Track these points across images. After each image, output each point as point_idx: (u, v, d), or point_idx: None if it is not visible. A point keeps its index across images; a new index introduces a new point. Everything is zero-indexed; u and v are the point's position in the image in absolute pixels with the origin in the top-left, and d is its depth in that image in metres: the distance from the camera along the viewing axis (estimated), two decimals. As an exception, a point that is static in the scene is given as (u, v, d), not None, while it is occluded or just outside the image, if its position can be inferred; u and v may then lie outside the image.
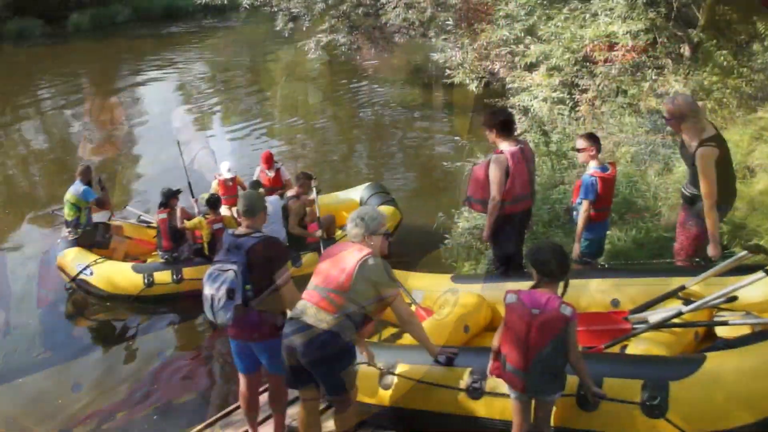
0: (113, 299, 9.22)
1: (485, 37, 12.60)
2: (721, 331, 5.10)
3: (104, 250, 9.57)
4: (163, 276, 9.09)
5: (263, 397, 5.60)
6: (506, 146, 6.01)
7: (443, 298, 6.44)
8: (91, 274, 9.14)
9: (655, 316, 5.12)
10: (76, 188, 9.26)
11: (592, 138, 6.24)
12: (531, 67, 11.68)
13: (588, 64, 10.73)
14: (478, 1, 13.67)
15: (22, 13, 36.10)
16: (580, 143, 6.22)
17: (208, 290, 4.69)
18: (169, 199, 9.20)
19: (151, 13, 40.72)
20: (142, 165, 15.69)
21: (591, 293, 5.79)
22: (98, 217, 9.72)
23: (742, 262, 5.09)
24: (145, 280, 9.04)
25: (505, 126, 6.07)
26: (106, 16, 38.76)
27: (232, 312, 4.60)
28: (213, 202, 9.13)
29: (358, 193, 10.60)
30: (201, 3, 19.64)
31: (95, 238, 9.56)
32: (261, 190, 9.44)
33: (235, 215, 9.50)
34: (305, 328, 4.41)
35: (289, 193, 9.54)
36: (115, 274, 9.19)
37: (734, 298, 4.92)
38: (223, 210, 9.69)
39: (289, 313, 4.63)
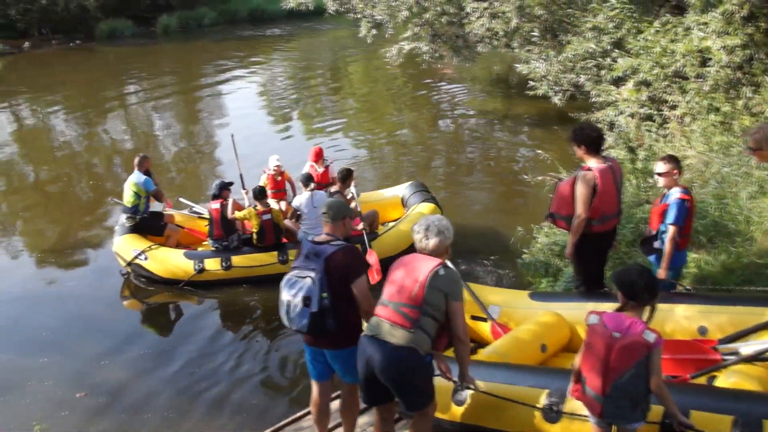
0: (165, 284, 9.58)
1: (571, 49, 12.33)
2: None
3: (158, 238, 10.00)
4: (213, 263, 9.47)
5: (335, 404, 5.58)
6: (594, 163, 5.84)
7: (521, 315, 6.32)
8: (146, 259, 9.57)
9: (747, 347, 4.86)
10: (138, 177, 9.75)
11: (675, 160, 5.98)
12: (618, 81, 11.38)
13: (678, 79, 10.38)
14: (564, 12, 13.42)
15: (114, 14, 37.34)
16: (663, 166, 5.91)
17: (285, 296, 4.68)
18: (221, 190, 9.67)
19: (236, 17, 41.75)
20: (207, 159, 16.13)
21: (676, 319, 5.57)
22: (154, 206, 10.27)
23: None
24: (196, 267, 9.44)
25: (594, 142, 5.90)
26: (194, 19, 39.94)
27: (307, 319, 4.57)
28: (259, 194, 9.46)
29: (400, 190, 10.91)
30: (286, 8, 19.82)
31: (151, 226, 10.01)
32: (312, 185, 9.71)
33: (283, 208, 10.02)
34: (382, 344, 4.37)
35: (332, 188, 9.81)
36: (168, 260, 9.59)
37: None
38: (272, 203, 10.07)
39: (364, 329, 4.58)
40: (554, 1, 13.36)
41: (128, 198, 9.82)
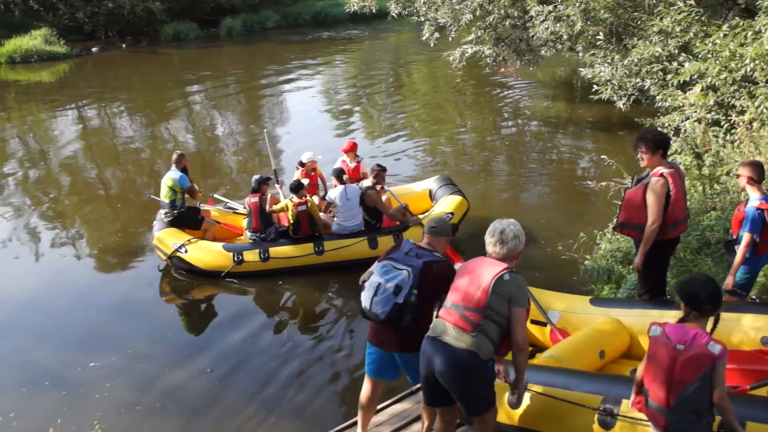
0: (205, 275, 9.88)
1: (636, 53, 12.19)
2: None
3: (196, 231, 10.31)
4: (252, 255, 9.80)
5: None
6: (663, 168, 5.79)
7: (581, 321, 6.32)
8: (186, 252, 9.89)
9: None
10: (174, 174, 10.13)
11: (754, 165, 5.91)
12: (684, 86, 11.21)
13: (747, 84, 10.18)
14: (630, 15, 13.27)
15: (179, 17, 38.10)
16: (741, 170, 5.92)
17: (376, 278, 4.80)
18: (260, 185, 9.99)
19: (299, 20, 42.14)
20: (262, 157, 16.31)
21: (740, 329, 5.51)
22: (190, 201, 10.61)
23: None
24: (235, 258, 9.77)
25: (668, 147, 5.89)
26: (257, 22, 40.50)
27: (389, 307, 4.68)
28: (295, 188, 9.77)
29: (428, 184, 11.41)
30: (349, 11, 20.00)
31: (188, 219, 10.34)
32: (345, 178, 10.17)
33: (316, 202, 10.35)
34: (443, 346, 4.41)
35: (364, 183, 10.21)
36: (208, 252, 9.91)
37: None
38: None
39: (428, 333, 4.62)
40: (620, 5, 13.22)
41: (165, 193, 10.19)
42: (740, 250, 5.81)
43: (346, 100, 23.12)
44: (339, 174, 10.06)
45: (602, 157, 11.15)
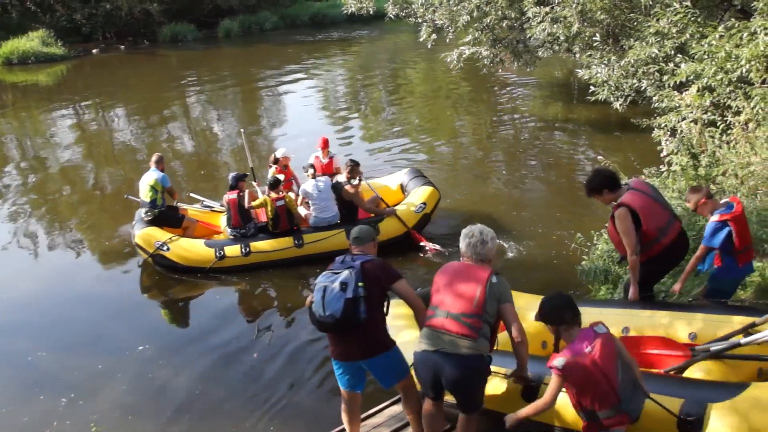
0: (188, 272, 10.06)
1: (633, 54, 12.23)
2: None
3: (176, 229, 10.49)
4: (233, 250, 10.07)
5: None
6: (621, 197, 5.84)
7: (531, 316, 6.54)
8: (168, 249, 10.06)
9: (717, 346, 5.14)
10: (156, 174, 10.30)
11: (695, 190, 6.05)
12: (680, 87, 11.25)
13: (743, 85, 10.22)
14: (626, 16, 13.31)
15: (177, 18, 38.14)
16: (691, 204, 6.04)
17: (321, 283, 4.87)
18: (237, 182, 10.21)
19: (297, 21, 42.22)
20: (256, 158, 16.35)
21: (671, 325, 5.71)
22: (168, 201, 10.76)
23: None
24: (217, 254, 10.02)
25: (612, 181, 5.95)
26: (255, 23, 40.57)
27: (341, 304, 4.71)
28: (273, 184, 10.04)
29: (399, 177, 11.79)
30: (347, 13, 20.05)
31: (168, 218, 10.52)
32: (311, 171, 10.62)
33: (292, 196, 10.53)
34: (451, 357, 4.54)
35: (339, 177, 10.55)
36: (190, 249, 10.13)
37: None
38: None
39: (422, 345, 4.71)
40: (616, 6, 13.27)
41: (145, 193, 10.34)
42: (692, 260, 5.97)
43: (343, 100, 23.21)
44: (309, 168, 10.50)
45: (599, 157, 11.21)
